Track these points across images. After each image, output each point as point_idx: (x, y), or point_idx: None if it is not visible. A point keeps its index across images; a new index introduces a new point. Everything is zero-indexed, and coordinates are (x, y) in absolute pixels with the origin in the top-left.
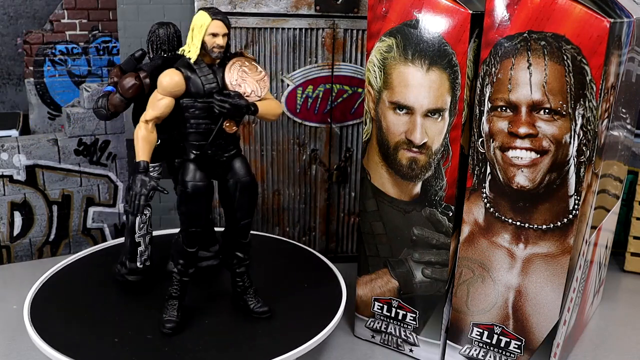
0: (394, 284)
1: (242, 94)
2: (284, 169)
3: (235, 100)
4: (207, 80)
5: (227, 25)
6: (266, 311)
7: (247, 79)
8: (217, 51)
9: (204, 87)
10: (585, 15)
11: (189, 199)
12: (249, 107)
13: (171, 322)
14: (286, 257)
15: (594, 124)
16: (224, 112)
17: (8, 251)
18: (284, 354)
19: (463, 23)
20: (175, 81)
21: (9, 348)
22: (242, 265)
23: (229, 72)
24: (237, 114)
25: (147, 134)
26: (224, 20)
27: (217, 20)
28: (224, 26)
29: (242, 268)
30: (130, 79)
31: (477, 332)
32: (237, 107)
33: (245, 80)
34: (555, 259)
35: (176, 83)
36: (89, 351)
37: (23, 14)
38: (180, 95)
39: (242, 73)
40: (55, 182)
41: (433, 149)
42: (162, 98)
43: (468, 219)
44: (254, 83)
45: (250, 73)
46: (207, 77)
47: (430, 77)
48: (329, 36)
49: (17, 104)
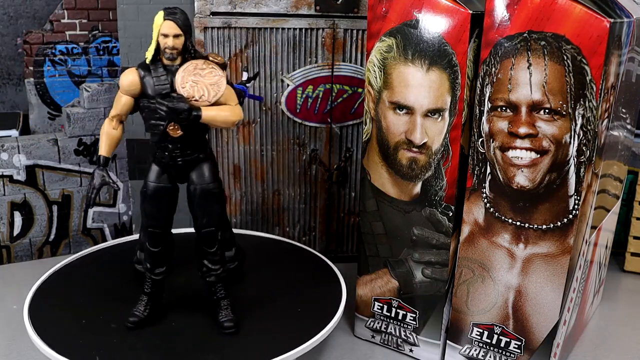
0: (394, 284)
1: (190, 98)
2: (284, 169)
3: (174, 103)
4: (159, 81)
5: (180, 25)
6: (231, 327)
7: (200, 82)
8: (169, 52)
9: (154, 88)
10: (585, 15)
11: (147, 198)
12: (190, 111)
13: (135, 317)
14: (286, 257)
15: (594, 124)
16: (163, 115)
17: (8, 251)
18: (284, 353)
19: (463, 23)
20: (129, 80)
21: (9, 348)
22: (211, 275)
23: (180, 75)
24: (176, 118)
25: (109, 130)
26: (176, 20)
27: (168, 20)
28: (176, 27)
29: (211, 278)
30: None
31: (477, 332)
32: (175, 111)
33: (197, 83)
34: (555, 259)
35: (130, 82)
36: (89, 351)
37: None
38: (138, 94)
39: (195, 76)
40: (55, 182)
41: (433, 149)
42: (121, 96)
43: (468, 219)
44: (205, 87)
45: (204, 77)
46: (160, 78)
47: (430, 77)
48: (329, 36)
49: (17, 104)
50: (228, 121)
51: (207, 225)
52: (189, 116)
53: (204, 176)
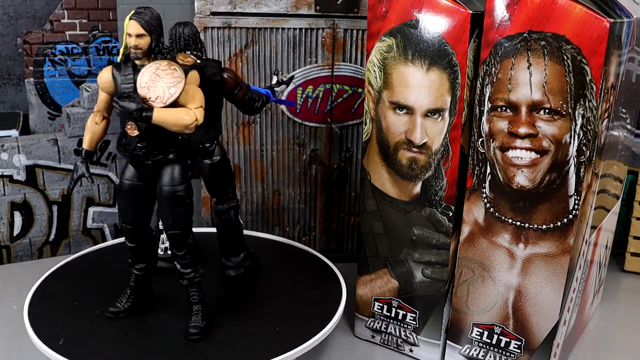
0: (394, 284)
1: (145, 99)
2: (284, 169)
3: (125, 102)
4: (126, 80)
5: (143, 25)
6: (195, 334)
7: (158, 83)
8: (133, 52)
9: (120, 87)
10: (585, 15)
11: (120, 194)
12: (141, 112)
13: (115, 307)
14: (286, 257)
15: (594, 124)
16: (117, 113)
17: (8, 251)
18: (284, 353)
19: (463, 23)
20: (103, 78)
21: (9, 348)
22: (183, 278)
23: (141, 75)
24: (128, 118)
25: (92, 124)
26: (139, 20)
27: (132, 20)
28: (138, 27)
29: (184, 281)
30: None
31: (477, 332)
32: (126, 110)
33: (156, 84)
34: (555, 259)
35: (104, 80)
36: (89, 351)
37: (23, 14)
38: (113, 92)
39: (155, 77)
40: (55, 182)
41: (433, 149)
42: (100, 93)
43: (468, 219)
44: (162, 89)
45: (162, 78)
46: (127, 77)
47: (430, 77)
48: (329, 36)
49: (17, 104)
50: (180, 124)
51: (172, 228)
52: (140, 116)
53: (170, 178)
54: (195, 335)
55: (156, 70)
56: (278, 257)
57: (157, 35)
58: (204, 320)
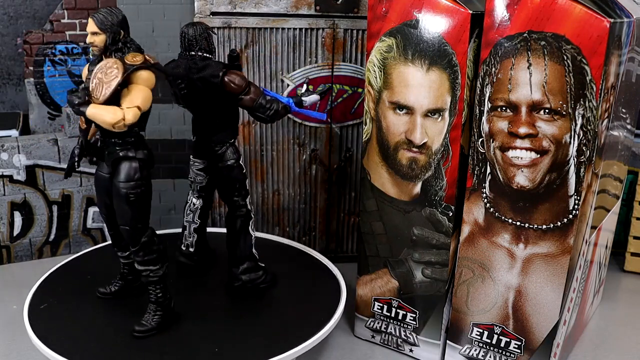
0: (394, 284)
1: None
2: (284, 169)
3: (70, 96)
4: (89, 75)
5: (97, 24)
6: (137, 331)
7: (102, 80)
8: (92, 49)
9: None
10: (585, 15)
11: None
12: (78, 106)
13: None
14: (286, 257)
15: (594, 124)
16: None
17: (8, 251)
18: (283, 353)
19: (463, 23)
20: (83, 73)
21: (9, 348)
22: (142, 275)
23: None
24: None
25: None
26: (94, 18)
27: (89, 18)
28: (93, 25)
29: (144, 279)
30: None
31: (477, 332)
32: (69, 103)
33: (100, 81)
34: (555, 259)
35: (83, 75)
36: (89, 352)
37: (23, 14)
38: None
39: (101, 74)
40: (55, 182)
41: (433, 149)
42: None
43: (468, 219)
44: (103, 87)
45: (105, 76)
46: (91, 73)
47: (430, 77)
48: (329, 36)
49: (17, 104)
50: (104, 122)
51: (121, 223)
52: (78, 111)
53: (121, 174)
54: (137, 333)
55: (104, 67)
56: (278, 257)
57: (112, 33)
58: (153, 320)
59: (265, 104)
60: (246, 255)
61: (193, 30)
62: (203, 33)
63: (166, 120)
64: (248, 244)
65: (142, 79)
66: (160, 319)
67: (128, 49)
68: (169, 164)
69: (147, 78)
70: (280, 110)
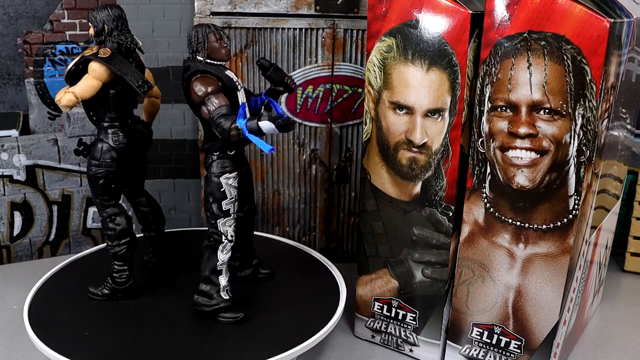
0: (394, 284)
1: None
2: (284, 169)
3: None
4: None
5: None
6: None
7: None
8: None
9: None
10: (585, 15)
11: None
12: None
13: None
14: (286, 257)
15: (594, 124)
16: None
17: (8, 251)
18: (282, 353)
19: (463, 23)
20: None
21: (9, 348)
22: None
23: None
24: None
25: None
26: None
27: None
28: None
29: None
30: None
31: (477, 332)
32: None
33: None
34: (555, 259)
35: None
36: (89, 352)
37: (23, 14)
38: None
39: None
40: (55, 182)
41: (433, 149)
42: None
43: (468, 219)
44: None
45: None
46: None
47: (430, 77)
48: (329, 36)
49: (17, 104)
50: (58, 103)
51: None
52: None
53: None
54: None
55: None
56: (278, 257)
57: (97, 28)
58: (101, 291)
59: (216, 119)
60: (205, 277)
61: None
62: (197, 34)
63: (166, 120)
64: (210, 266)
65: (91, 69)
66: (109, 292)
67: (110, 43)
68: (169, 164)
69: (94, 69)
70: (230, 130)
